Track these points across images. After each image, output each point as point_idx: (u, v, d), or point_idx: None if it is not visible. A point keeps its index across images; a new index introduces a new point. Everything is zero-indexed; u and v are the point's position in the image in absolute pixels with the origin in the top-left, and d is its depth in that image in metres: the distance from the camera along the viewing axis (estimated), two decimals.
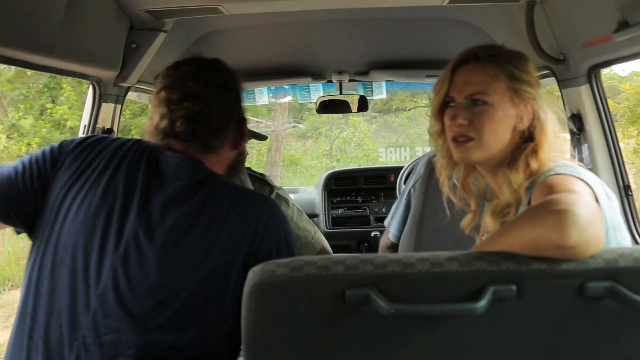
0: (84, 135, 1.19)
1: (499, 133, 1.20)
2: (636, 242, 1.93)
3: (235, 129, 1.27)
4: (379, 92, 3.41)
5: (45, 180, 1.16)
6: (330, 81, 3.14)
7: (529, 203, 1.10)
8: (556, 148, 1.21)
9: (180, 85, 1.20)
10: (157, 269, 1.07)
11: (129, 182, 1.12)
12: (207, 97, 1.19)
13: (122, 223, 1.09)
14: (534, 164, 1.14)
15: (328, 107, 3.28)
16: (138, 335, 1.05)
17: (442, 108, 1.26)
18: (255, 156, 10.95)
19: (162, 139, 1.18)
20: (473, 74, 1.21)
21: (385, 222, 2.15)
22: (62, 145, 1.21)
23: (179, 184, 1.13)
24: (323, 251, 2.24)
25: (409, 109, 11.94)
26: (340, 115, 10.99)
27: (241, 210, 1.13)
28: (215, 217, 1.11)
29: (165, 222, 1.10)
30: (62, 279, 1.08)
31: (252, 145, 10.29)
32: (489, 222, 1.24)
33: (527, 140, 1.20)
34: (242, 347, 0.83)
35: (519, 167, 1.16)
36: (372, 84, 3.36)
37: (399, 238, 2.03)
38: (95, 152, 1.18)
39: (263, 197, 1.21)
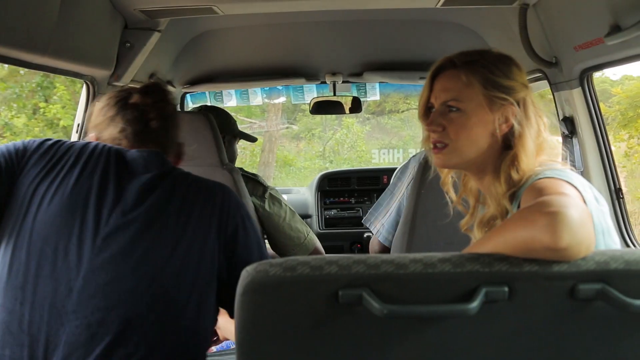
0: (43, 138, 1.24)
1: (473, 139, 1.21)
2: (627, 245, 1.95)
3: (177, 147, 1.40)
4: (373, 94, 3.41)
5: (11, 175, 1.18)
6: (324, 82, 3.14)
7: (518, 207, 1.11)
8: (548, 153, 1.21)
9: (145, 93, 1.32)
10: (141, 245, 1.13)
11: (102, 173, 1.18)
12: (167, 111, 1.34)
13: (99, 208, 1.14)
14: (515, 175, 1.15)
15: (322, 108, 3.29)
16: (126, 309, 1.09)
17: (427, 114, 1.28)
18: (249, 157, 10.93)
19: (131, 142, 1.27)
20: (449, 81, 1.23)
21: (366, 221, 2.13)
22: (26, 144, 1.24)
23: (150, 175, 1.20)
24: (316, 252, 2.24)
25: (402, 111, 11.96)
26: (333, 116, 10.99)
27: (206, 192, 1.23)
28: (185, 198, 1.20)
29: (142, 205, 1.16)
30: (40, 268, 1.10)
31: (245, 146, 10.28)
32: (476, 232, 1.26)
33: (508, 148, 1.20)
34: (235, 346, 0.83)
35: (501, 179, 1.17)
36: (365, 86, 3.37)
37: (390, 241, 2.03)
38: (62, 150, 1.22)
39: (221, 183, 1.31)
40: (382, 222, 2.07)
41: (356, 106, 3.29)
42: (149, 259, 1.12)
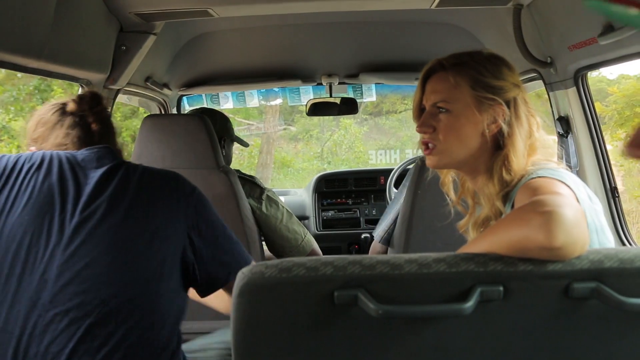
0: None
1: (462, 139, 1.22)
2: (623, 244, 1.95)
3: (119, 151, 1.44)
4: (369, 95, 3.42)
5: None
6: (320, 84, 3.14)
7: (512, 207, 1.12)
8: (542, 152, 1.22)
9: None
10: (108, 232, 1.18)
11: (59, 173, 1.23)
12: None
13: (63, 204, 1.19)
14: (506, 176, 1.16)
15: (318, 109, 3.29)
16: (103, 291, 1.14)
17: (420, 115, 1.30)
18: (247, 158, 10.92)
19: (76, 146, 1.32)
20: (438, 83, 1.25)
21: (377, 237, 2.15)
22: None
23: (104, 167, 1.26)
24: (313, 253, 2.24)
25: (400, 112, 11.96)
26: (331, 117, 10.99)
27: (160, 178, 1.30)
28: (141, 185, 1.25)
29: (103, 194, 1.22)
30: (12, 268, 1.15)
31: (242, 148, 10.26)
32: (470, 232, 1.27)
33: (499, 148, 1.21)
34: (231, 348, 0.84)
35: (494, 179, 1.18)
36: (362, 87, 3.37)
37: (384, 239, 2.04)
38: (11, 162, 1.27)
39: (170, 171, 1.37)
40: (384, 228, 2.09)
41: (352, 107, 3.29)
42: (117, 243, 1.18)
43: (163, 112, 2.98)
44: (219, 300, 1.43)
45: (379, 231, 2.09)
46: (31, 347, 1.11)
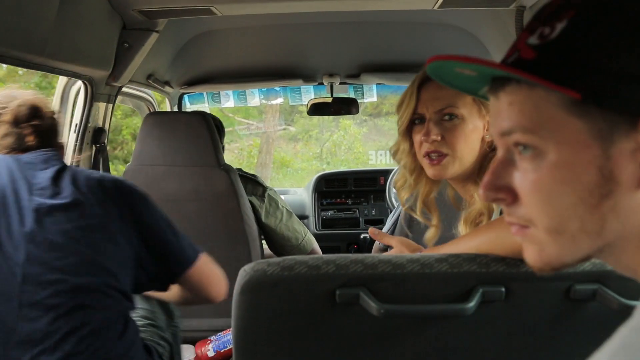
0: None
1: (470, 146, 1.21)
2: None
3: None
4: (370, 95, 3.41)
5: None
6: (322, 83, 3.14)
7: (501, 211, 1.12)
8: None
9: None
10: (66, 226, 1.21)
11: (8, 173, 1.25)
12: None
13: (17, 200, 1.21)
14: None
15: (319, 109, 3.29)
16: (73, 278, 1.18)
17: (410, 126, 1.27)
18: (246, 158, 10.92)
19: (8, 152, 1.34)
20: (440, 89, 1.21)
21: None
22: None
23: (53, 168, 1.28)
24: (313, 253, 2.25)
25: None
26: (330, 118, 10.99)
27: (100, 180, 1.31)
28: (87, 185, 1.27)
29: (56, 190, 1.24)
30: None
31: (242, 148, 10.26)
32: (462, 231, 1.25)
33: (494, 149, 1.21)
34: (232, 345, 0.84)
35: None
36: (362, 87, 3.37)
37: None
38: None
39: (105, 173, 1.43)
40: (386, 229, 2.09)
41: (353, 107, 3.29)
42: (75, 236, 1.21)
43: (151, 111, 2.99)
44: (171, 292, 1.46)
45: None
46: (10, 340, 1.14)
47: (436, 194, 1.35)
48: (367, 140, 12.32)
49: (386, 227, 2.07)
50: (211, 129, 2.12)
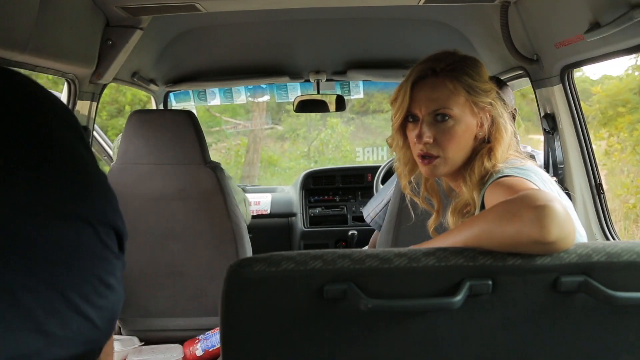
0: None
1: (462, 146, 1.23)
2: (607, 239, 1.97)
3: None
4: (356, 92, 3.42)
5: None
6: (308, 80, 3.14)
7: (482, 203, 1.13)
8: (514, 148, 1.25)
9: None
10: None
11: None
12: None
13: None
14: (487, 163, 1.18)
15: (306, 106, 3.28)
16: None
17: (404, 123, 1.28)
18: (234, 157, 10.88)
19: None
20: (434, 90, 1.22)
21: (365, 213, 2.19)
22: None
23: None
24: None
25: (386, 111, 11.96)
26: (318, 117, 10.97)
27: None
28: None
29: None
30: None
31: (230, 147, 10.23)
32: (449, 220, 1.27)
33: (484, 141, 1.24)
34: (219, 343, 0.83)
35: (474, 167, 1.19)
36: (349, 84, 3.37)
37: (374, 221, 2.06)
38: None
39: None
40: (375, 209, 2.10)
41: (340, 104, 3.29)
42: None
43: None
44: None
45: (369, 210, 2.10)
46: None
47: (434, 180, 1.38)
48: (355, 138, 12.34)
49: (378, 203, 2.08)
50: (197, 127, 2.10)
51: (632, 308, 0.82)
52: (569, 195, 1.96)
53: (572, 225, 0.82)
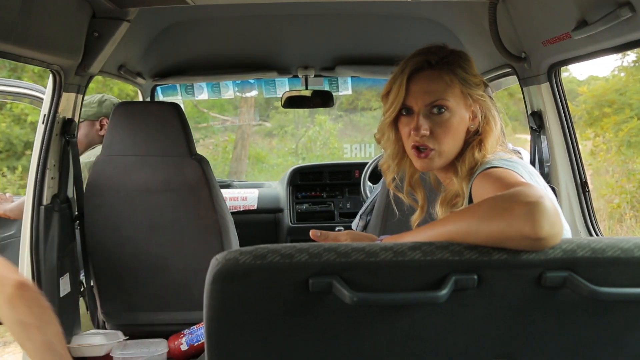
0: None
1: (457, 138, 1.24)
2: (591, 236, 1.99)
3: None
4: (345, 88, 3.42)
5: None
6: (296, 76, 3.13)
7: (470, 196, 1.14)
8: (501, 141, 1.26)
9: None
10: None
11: None
12: None
13: None
14: (477, 154, 1.20)
15: (294, 102, 3.28)
16: None
17: (396, 116, 1.28)
18: (221, 153, 10.85)
19: None
20: (430, 82, 1.22)
21: (354, 225, 2.18)
22: None
23: None
24: None
25: (375, 109, 11.98)
26: (306, 114, 10.95)
27: None
28: None
29: None
30: None
31: (217, 143, 10.19)
32: (438, 211, 1.27)
33: (475, 133, 1.25)
34: (204, 336, 0.82)
35: (465, 159, 1.20)
36: (337, 80, 3.37)
37: (360, 227, 2.06)
38: None
39: None
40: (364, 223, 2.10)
41: (328, 100, 3.28)
42: None
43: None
44: None
45: (358, 221, 2.11)
46: None
47: (419, 174, 1.38)
48: (343, 135, 12.34)
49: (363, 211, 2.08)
50: (183, 119, 2.09)
51: (615, 303, 0.82)
52: (554, 190, 1.97)
53: (561, 223, 0.82)
